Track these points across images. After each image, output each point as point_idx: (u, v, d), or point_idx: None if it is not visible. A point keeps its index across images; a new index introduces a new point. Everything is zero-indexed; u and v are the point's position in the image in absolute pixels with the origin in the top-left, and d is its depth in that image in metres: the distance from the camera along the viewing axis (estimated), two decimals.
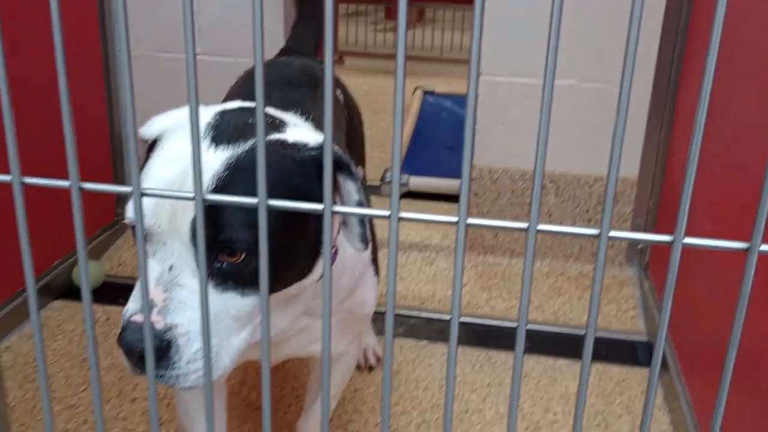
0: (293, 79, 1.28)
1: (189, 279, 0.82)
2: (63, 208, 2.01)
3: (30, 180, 0.63)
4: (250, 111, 0.94)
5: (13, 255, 1.72)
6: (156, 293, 0.80)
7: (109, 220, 2.33)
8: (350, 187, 0.88)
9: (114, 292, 2.04)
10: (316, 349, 1.16)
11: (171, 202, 0.82)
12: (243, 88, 1.34)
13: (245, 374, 1.75)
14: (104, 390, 1.66)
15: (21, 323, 1.88)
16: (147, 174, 0.86)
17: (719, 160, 1.52)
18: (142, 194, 0.63)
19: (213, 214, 0.78)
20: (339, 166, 0.88)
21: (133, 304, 0.83)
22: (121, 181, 2.36)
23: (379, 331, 1.88)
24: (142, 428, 1.57)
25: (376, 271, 1.20)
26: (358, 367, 1.78)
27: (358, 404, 1.67)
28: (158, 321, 0.80)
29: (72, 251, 2.10)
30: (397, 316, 1.93)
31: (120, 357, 0.85)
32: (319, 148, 0.88)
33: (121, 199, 2.34)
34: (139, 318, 0.82)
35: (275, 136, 0.88)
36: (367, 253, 1.14)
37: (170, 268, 0.82)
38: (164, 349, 0.80)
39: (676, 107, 2.06)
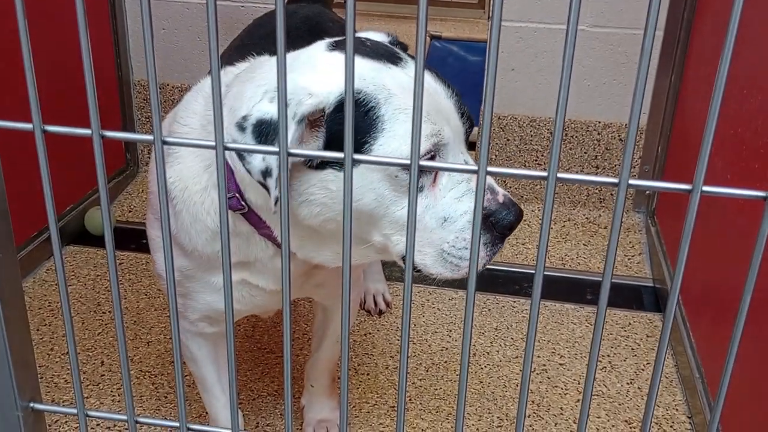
0: (291, 30, 1.27)
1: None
2: (74, 155, 2.01)
3: (51, 128, 0.63)
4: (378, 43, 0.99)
5: (26, 202, 1.73)
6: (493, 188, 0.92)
7: (119, 165, 2.33)
8: None
9: (124, 237, 2.06)
10: (313, 291, 1.23)
11: (445, 113, 0.89)
12: (243, 40, 1.34)
13: (258, 318, 1.78)
14: None
15: (35, 268, 1.91)
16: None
17: (732, 104, 1.51)
18: (164, 142, 0.64)
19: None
20: None
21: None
22: (130, 127, 2.35)
23: (389, 276, 1.90)
24: (157, 371, 1.61)
25: None
26: (369, 313, 1.81)
27: (369, 348, 1.70)
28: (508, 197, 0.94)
29: (83, 197, 2.11)
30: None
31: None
32: None
33: (130, 145, 2.34)
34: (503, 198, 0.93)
35: None
36: None
37: (465, 162, 0.92)
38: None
39: (689, 50, 2.03)
